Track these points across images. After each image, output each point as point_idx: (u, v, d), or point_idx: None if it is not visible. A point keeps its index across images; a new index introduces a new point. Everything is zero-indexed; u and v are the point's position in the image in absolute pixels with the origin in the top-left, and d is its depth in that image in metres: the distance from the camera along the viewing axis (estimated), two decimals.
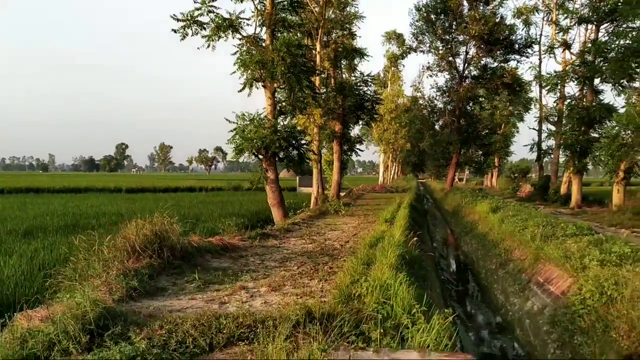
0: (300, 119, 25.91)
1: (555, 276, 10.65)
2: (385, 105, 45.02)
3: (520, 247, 13.94)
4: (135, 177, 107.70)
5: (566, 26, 33.00)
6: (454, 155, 39.52)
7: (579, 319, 8.30)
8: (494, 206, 21.12)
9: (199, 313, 5.74)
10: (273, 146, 17.69)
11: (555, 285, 10.31)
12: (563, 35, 33.48)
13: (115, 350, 4.42)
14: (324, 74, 27.74)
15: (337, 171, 29.60)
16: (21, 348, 4.86)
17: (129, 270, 7.45)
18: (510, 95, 42.43)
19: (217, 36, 18.16)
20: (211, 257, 10.15)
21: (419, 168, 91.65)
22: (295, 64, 17.72)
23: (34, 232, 16.29)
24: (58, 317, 5.18)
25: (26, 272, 10.12)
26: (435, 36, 38.55)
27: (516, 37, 37.39)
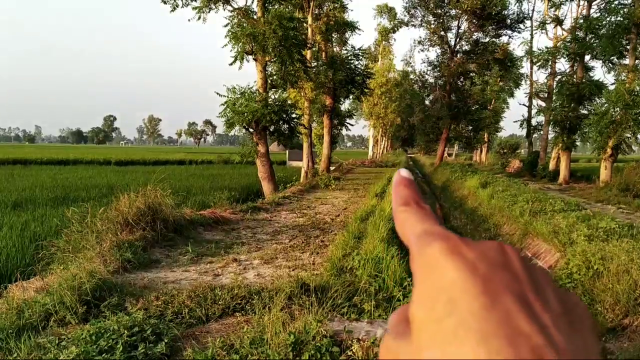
0: (291, 92, 25.79)
1: (543, 251, 10.83)
2: (376, 79, 44.84)
3: (510, 222, 14.11)
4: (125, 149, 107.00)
5: (558, 1, 32.85)
6: (444, 130, 39.54)
7: None
8: (484, 181, 21.28)
9: (193, 285, 5.82)
10: (264, 120, 17.63)
11: (543, 260, 10.50)
12: (555, 10, 33.34)
13: (113, 321, 4.48)
14: (315, 48, 27.51)
15: (327, 145, 29.59)
16: (18, 318, 4.92)
17: (123, 242, 7.49)
18: (501, 71, 42.30)
19: (208, 8, 17.95)
20: (204, 230, 10.21)
21: (409, 143, 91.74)
22: (287, 37, 17.56)
23: (24, 204, 16.19)
24: (54, 288, 5.24)
25: (17, 244, 10.08)
26: (427, 10, 38.22)
27: (508, 12, 37.19)
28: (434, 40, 39.41)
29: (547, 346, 0.29)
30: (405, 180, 0.44)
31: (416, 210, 0.41)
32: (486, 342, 0.29)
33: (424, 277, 0.34)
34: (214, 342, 4.36)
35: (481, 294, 0.31)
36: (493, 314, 0.30)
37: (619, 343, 6.27)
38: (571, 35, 30.06)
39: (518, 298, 0.32)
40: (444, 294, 0.32)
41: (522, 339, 0.29)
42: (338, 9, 29.63)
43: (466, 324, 0.30)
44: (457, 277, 0.32)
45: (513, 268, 0.34)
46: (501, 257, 0.35)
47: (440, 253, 0.34)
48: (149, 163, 47.18)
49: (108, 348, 4.06)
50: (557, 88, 30.50)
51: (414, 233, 0.38)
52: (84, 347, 4.03)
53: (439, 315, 0.31)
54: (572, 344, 0.31)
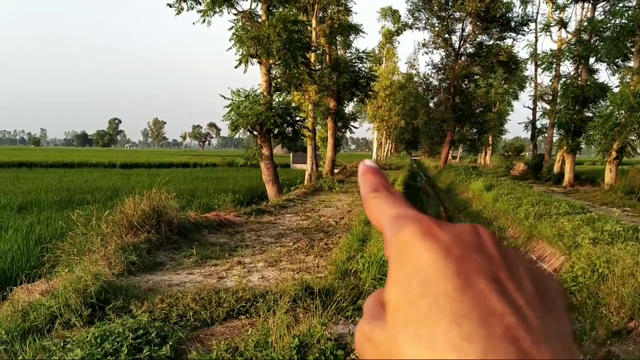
0: (295, 95, 25.82)
1: (548, 254, 10.80)
2: (380, 82, 44.84)
3: (514, 225, 14.07)
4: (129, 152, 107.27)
5: (563, 4, 32.80)
6: (448, 133, 39.49)
7: (570, 296, 8.45)
8: (488, 184, 21.23)
9: (198, 287, 5.82)
10: (268, 122, 17.66)
11: (548, 263, 10.47)
12: (559, 13, 33.31)
13: (118, 323, 4.49)
14: (319, 51, 27.54)
15: (331, 148, 29.60)
16: (23, 321, 4.93)
17: (128, 245, 7.51)
18: (506, 74, 42.24)
19: (213, 11, 18.00)
20: (208, 233, 10.23)
21: (413, 145, 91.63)
22: (291, 40, 17.59)
23: (29, 207, 16.24)
24: (59, 291, 5.25)
25: (22, 247, 10.10)
26: (432, 13, 38.22)
27: (513, 15, 37.18)
28: (438, 42, 39.40)
29: (520, 326, 0.29)
30: (371, 169, 0.44)
31: (386, 195, 0.41)
32: (459, 322, 0.29)
33: (398, 260, 0.34)
34: (218, 344, 4.37)
35: (455, 276, 0.31)
36: (466, 295, 0.30)
37: (624, 346, 6.25)
38: (576, 37, 30.02)
39: (491, 279, 0.32)
40: (417, 276, 0.32)
41: (495, 319, 0.29)
42: (342, 12, 29.68)
43: (439, 305, 0.30)
44: (431, 259, 0.32)
45: (487, 250, 0.34)
46: (475, 239, 0.34)
47: (414, 235, 0.34)
48: (154, 166, 47.25)
49: (113, 351, 4.07)
50: (562, 90, 30.44)
51: (386, 218, 0.38)
52: (88, 350, 4.05)
53: (412, 297, 0.31)
54: (546, 323, 0.31)
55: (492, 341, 0.28)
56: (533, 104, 39.03)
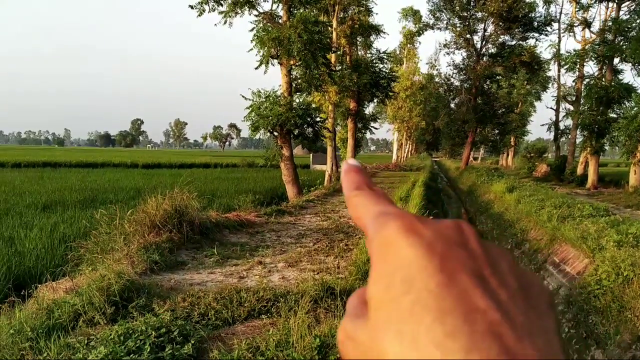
0: (315, 96, 25.85)
1: (571, 256, 10.65)
2: (401, 82, 44.67)
3: (537, 227, 13.91)
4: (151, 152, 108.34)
5: (587, 4, 32.33)
6: (470, 134, 39.18)
7: (594, 299, 8.33)
8: (510, 186, 21.01)
9: (219, 287, 5.86)
10: (288, 123, 17.70)
11: (571, 266, 10.33)
12: (583, 13, 32.85)
13: (141, 321, 4.54)
14: (339, 51, 27.52)
15: (351, 149, 29.56)
16: (48, 318, 5.00)
17: (150, 244, 7.58)
18: (528, 74, 41.72)
19: (234, 12, 18.11)
20: (229, 233, 10.28)
21: (434, 146, 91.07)
22: (312, 41, 17.61)
23: (53, 206, 16.47)
24: (83, 289, 5.32)
25: (47, 245, 10.25)
26: (453, 13, 37.95)
27: (535, 15, 36.73)
28: (460, 43, 39.10)
29: (504, 322, 0.29)
30: (354, 167, 0.44)
31: (369, 193, 0.40)
32: (442, 319, 0.29)
33: (380, 257, 0.34)
34: (239, 344, 4.39)
35: (438, 272, 0.31)
36: (449, 292, 0.30)
37: None
38: (600, 37, 29.58)
39: (474, 275, 0.31)
40: (400, 272, 0.32)
41: (479, 316, 0.29)
42: (363, 13, 29.63)
43: (422, 302, 0.30)
44: (414, 256, 0.32)
45: (470, 246, 0.34)
46: (458, 236, 0.34)
47: (397, 232, 0.34)
48: (175, 166, 47.63)
49: (136, 349, 4.11)
50: (586, 91, 30.01)
51: (369, 215, 0.38)
52: (112, 348, 4.09)
53: (395, 294, 0.31)
54: (530, 319, 0.31)
55: (475, 338, 0.28)
56: (556, 104, 38.55)
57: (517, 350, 0.28)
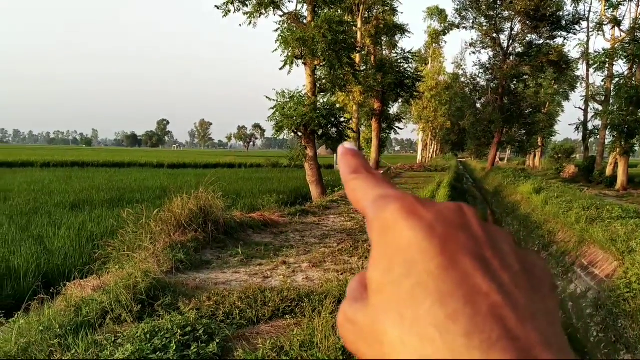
0: (339, 96, 25.83)
1: (600, 259, 10.45)
2: (426, 82, 44.40)
3: (564, 229, 13.69)
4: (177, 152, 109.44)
5: (616, 2, 31.71)
6: (496, 134, 38.75)
7: (623, 303, 8.15)
8: (537, 187, 20.71)
9: (244, 286, 5.88)
10: (312, 124, 17.70)
11: (600, 269, 10.13)
12: (613, 11, 32.17)
13: (167, 320, 4.58)
14: (364, 51, 27.47)
15: (376, 149, 29.49)
16: (76, 316, 5.08)
17: (176, 243, 7.66)
18: (556, 73, 41.08)
19: (259, 13, 18.18)
20: (253, 233, 10.33)
21: (459, 147, 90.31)
22: (336, 41, 17.60)
23: (81, 205, 16.71)
24: (111, 287, 5.39)
25: (75, 244, 10.40)
26: (479, 12, 37.57)
27: (563, 13, 36.15)
28: (486, 42, 38.70)
29: (506, 304, 0.29)
30: (351, 151, 0.43)
31: (367, 176, 0.39)
32: (443, 301, 0.28)
33: (380, 240, 0.33)
34: (264, 343, 4.40)
35: (439, 254, 0.30)
36: (450, 274, 0.30)
37: None
38: (630, 36, 28.98)
39: (476, 257, 0.31)
40: (401, 255, 0.31)
41: (480, 298, 0.29)
42: (388, 12, 29.54)
43: (423, 284, 0.29)
44: (414, 238, 0.31)
45: (471, 228, 0.33)
46: (459, 218, 0.34)
47: (397, 214, 0.33)
48: (200, 166, 47.97)
49: (162, 347, 4.15)
50: (615, 91, 29.43)
51: (368, 199, 0.37)
52: (139, 345, 4.13)
53: (395, 276, 0.31)
54: (532, 301, 0.31)
55: (476, 320, 0.28)
56: (584, 104, 37.88)
57: (519, 332, 0.28)
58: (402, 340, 0.29)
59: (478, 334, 0.27)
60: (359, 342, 0.33)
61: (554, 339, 0.30)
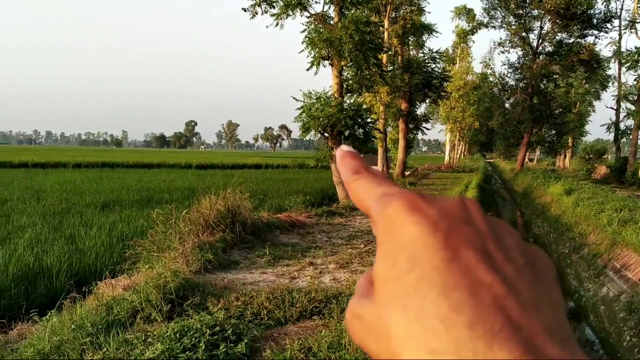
0: (366, 97, 25.73)
1: (633, 262, 10.22)
2: (454, 82, 43.99)
3: (596, 231, 13.42)
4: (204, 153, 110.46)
5: None
6: (525, 135, 38.20)
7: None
8: (568, 188, 20.35)
9: (271, 287, 5.90)
10: (339, 124, 17.68)
11: (633, 272, 9.90)
12: None
13: (196, 319, 4.62)
14: (391, 51, 27.33)
15: (403, 150, 29.31)
16: (107, 314, 5.16)
17: (204, 243, 7.73)
18: (587, 73, 40.31)
19: (286, 14, 18.22)
20: (280, 233, 10.36)
21: (487, 147, 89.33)
22: (363, 42, 17.54)
23: (111, 205, 16.94)
24: (141, 286, 5.46)
25: (106, 243, 10.54)
26: (508, 11, 37.10)
27: (594, 12, 35.46)
28: (515, 41, 38.19)
29: (509, 295, 0.29)
30: (350, 153, 0.43)
31: (369, 176, 0.40)
32: (447, 293, 0.29)
33: (385, 237, 0.34)
34: (292, 344, 4.40)
35: (442, 248, 0.31)
36: (454, 267, 0.30)
37: None
38: None
39: (479, 250, 0.32)
40: (405, 250, 0.32)
41: (484, 289, 0.29)
42: (415, 12, 29.32)
43: (427, 277, 0.30)
44: (418, 233, 0.32)
45: (474, 222, 0.34)
46: (462, 212, 0.34)
47: (400, 210, 0.33)
48: (228, 167, 48.26)
49: (191, 346, 4.19)
50: None
51: (371, 198, 0.37)
52: (168, 345, 4.18)
53: (400, 271, 0.31)
54: (536, 293, 0.31)
55: (480, 310, 0.28)
56: (616, 104, 37.09)
57: (522, 322, 0.28)
58: (408, 332, 0.29)
59: (481, 324, 0.28)
60: (367, 338, 0.33)
61: (558, 328, 0.30)
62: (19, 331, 5.24)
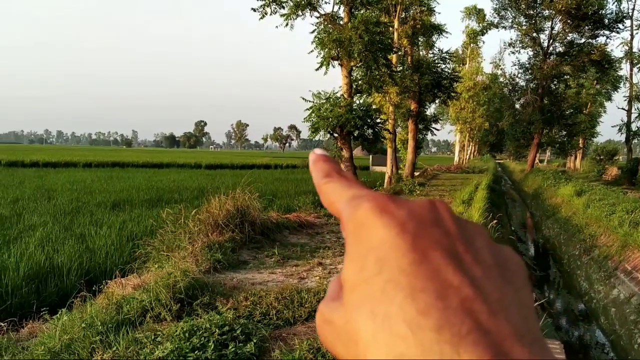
0: (376, 97, 25.69)
1: None
2: (463, 83, 43.83)
3: (607, 232, 13.33)
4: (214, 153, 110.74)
5: None
6: (536, 136, 38.02)
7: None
8: (579, 189, 20.22)
9: (280, 287, 5.91)
10: (348, 125, 17.68)
11: None
12: None
13: (205, 319, 4.63)
14: (401, 52, 27.27)
15: (412, 150, 29.25)
16: (117, 313, 5.18)
17: (213, 243, 7.75)
18: (598, 73, 40.03)
19: (295, 15, 18.24)
20: (289, 233, 10.37)
21: (497, 148, 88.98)
22: (373, 42, 17.53)
23: (121, 205, 17.02)
24: (150, 286, 5.48)
25: (116, 243, 10.58)
26: (519, 11, 36.94)
27: (606, 12, 35.20)
28: (526, 42, 38.02)
29: (477, 297, 0.29)
30: (322, 157, 0.43)
31: (340, 179, 0.40)
32: (414, 296, 0.28)
33: (354, 240, 0.33)
34: (300, 344, 4.40)
35: (410, 250, 0.30)
36: (422, 269, 0.30)
37: None
38: None
39: (448, 252, 0.31)
40: (373, 253, 0.31)
41: (452, 292, 0.29)
42: (425, 12, 29.23)
43: (395, 280, 0.29)
44: (386, 235, 0.31)
45: (444, 224, 0.33)
46: (432, 214, 0.34)
47: (369, 213, 0.33)
48: (237, 167, 48.37)
49: (200, 346, 4.20)
50: None
51: (341, 200, 0.37)
52: (177, 344, 4.19)
53: (368, 274, 0.31)
54: (505, 294, 0.30)
55: (447, 314, 0.28)
56: (628, 105, 36.78)
57: (490, 325, 0.28)
58: (375, 337, 0.29)
59: (449, 328, 0.27)
60: (335, 342, 0.33)
61: (527, 331, 0.29)
62: (30, 329, 5.28)
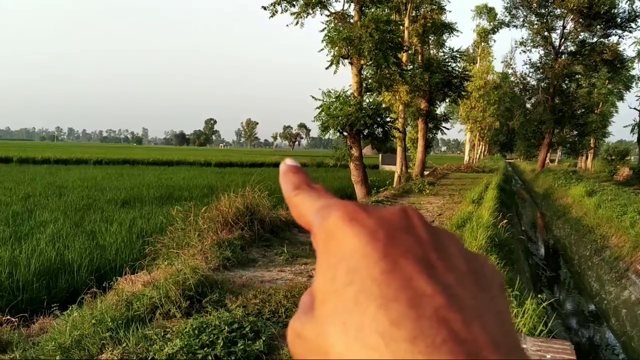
0: (386, 96, 25.64)
1: None
2: (474, 82, 43.63)
3: (618, 233, 13.23)
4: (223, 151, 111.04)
5: None
6: (547, 135, 37.83)
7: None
8: (590, 189, 20.10)
9: (289, 285, 5.91)
10: (358, 123, 17.66)
11: None
12: None
13: (215, 316, 4.64)
14: (411, 50, 27.19)
15: (422, 149, 29.16)
16: (127, 310, 5.21)
17: (223, 240, 7.76)
18: (610, 73, 39.77)
19: (306, 13, 18.23)
20: (298, 232, 10.36)
21: (507, 148, 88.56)
22: (383, 41, 17.49)
23: (132, 202, 17.13)
24: (160, 283, 5.50)
25: (126, 240, 10.66)
26: (530, 10, 36.75)
27: (618, 11, 34.94)
28: (537, 41, 37.81)
29: (450, 306, 0.28)
30: (292, 168, 0.42)
31: (309, 191, 0.39)
32: (387, 306, 0.27)
33: (324, 250, 0.32)
34: None
35: (381, 259, 0.30)
36: (394, 278, 0.29)
37: None
38: None
39: (420, 260, 0.30)
40: (344, 263, 0.30)
41: (425, 300, 0.28)
42: (435, 11, 29.12)
43: (367, 290, 0.28)
44: (357, 244, 0.31)
45: (415, 231, 0.33)
46: (403, 221, 0.33)
47: (339, 222, 0.32)
48: (246, 165, 48.55)
49: (209, 343, 4.21)
50: None
51: (311, 211, 0.37)
52: (187, 341, 4.21)
53: (339, 285, 0.30)
54: (479, 302, 0.30)
55: (421, 324, 0.27)
56: None
57: (465, 334, 0.27)
58: (347, 349, 0.28)
59: (422, 338, 0.26)
60: (308, 357, 0.31)
61: (504, 339, 0.29)
62: (41, 325, 5.32)
